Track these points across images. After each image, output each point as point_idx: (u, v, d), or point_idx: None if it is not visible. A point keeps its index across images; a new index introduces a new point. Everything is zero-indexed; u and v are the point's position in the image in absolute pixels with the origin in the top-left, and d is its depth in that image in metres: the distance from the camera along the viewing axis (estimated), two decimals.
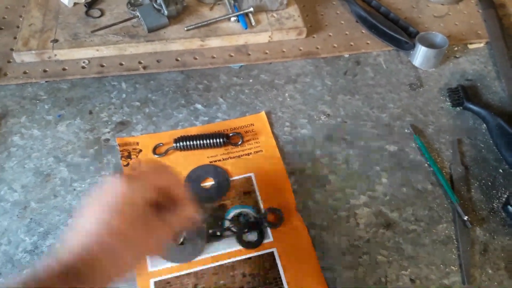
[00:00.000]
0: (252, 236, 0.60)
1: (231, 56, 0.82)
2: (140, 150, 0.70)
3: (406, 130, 0.72)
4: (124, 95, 0.77)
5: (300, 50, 0.83)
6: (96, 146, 0.71)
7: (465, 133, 0.72)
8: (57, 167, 0.68)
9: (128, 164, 0.68)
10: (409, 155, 0.69)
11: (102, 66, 0.81)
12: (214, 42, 0.83)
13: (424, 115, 0.74)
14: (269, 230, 0.61)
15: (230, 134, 0.71)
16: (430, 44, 0.81)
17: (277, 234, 0.61)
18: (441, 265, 0.58)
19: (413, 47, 0.81)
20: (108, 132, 0.72)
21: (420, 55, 0.80)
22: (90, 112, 0.75)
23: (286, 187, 0.66)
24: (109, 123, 0.73)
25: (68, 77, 0.80)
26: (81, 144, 0.71)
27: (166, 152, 0.69)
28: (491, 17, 0.90)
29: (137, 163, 0.48)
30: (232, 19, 0.85)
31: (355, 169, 0.67)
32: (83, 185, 0.66)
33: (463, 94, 0.74)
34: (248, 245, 0.60)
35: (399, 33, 0.83)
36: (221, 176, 0.67)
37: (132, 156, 0.69)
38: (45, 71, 0.80)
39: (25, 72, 0.80)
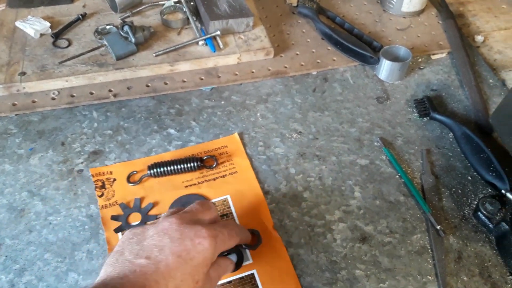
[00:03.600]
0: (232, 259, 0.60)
1: (202, 79, 0.83)
2: (114, 179, 0.70)
3: (375, 143, 0.74)
4: (95, 124, 0.77)
5: (269, 70, 0.85)
6: (70, 177, 0.70)
7: (433, 142, 0.74)
8: (31, 201, 0.67)
9: (102, 195, 0.68)
10: (380, 167, 0.70)
11: (72, 96, 0.80)
12: (183, 66, 0.84)
13: (392, 127, 0.76)
14: (248, 252, 0.61)
15: (204, 157, 0.71)
16: (394, 57, 0.83)
17: (256, 255, 0.61)
18: (418, 276, 0.59)
19: (377, 61, 0.83)
20: (82, 163, 0.72)
21: (385, 68, 0.82)
22: (63, 144, 0.74)
23: (263, 206, 0.66)
24: (82, 153, 0.73)
25: (38, 109, 0.79)
26: (54, 176, 0.70)
27: (140, 180, 0.69)
28: (451, 27, 0.93)
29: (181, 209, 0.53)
30: (200, 42, 0.86)
31: (329, 185, 0.68)
32: (58, 218, 0.65)
33: (429, 105, 0.77)
34: None
35: (364, 48, 0.86)
36: None
37: (107, 186, 0.69)
38: (14, 104, 0.79)
39: None
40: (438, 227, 0.62)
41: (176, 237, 0.46)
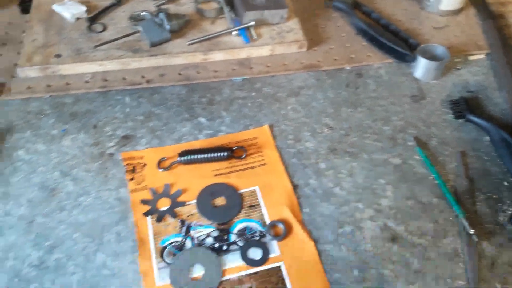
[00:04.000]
0: (256, 253, 0.60)
1: (234, 69, 0.83)
2: (145, 164, 0.70)
3: (409, 143, 0.72)
4: (128, 109, 0.78)
5: (302, 63, 0.84)
6: (101, 160, 0.71)
7: (469, 145, 0.72)
8: (62, 182, 0.68)
9: (133, 179, 0.68)
10: (413, 167, 0.69)
11: (106, 80, 0.81)
12: (216, 56, 0.84)
13: (427, 127, 0.74)
14: (275, 244, 0.61)
15: (234, 148, 0.71)
16: (431, 56, 0.81)
17: (284, 248, 0.61)
18: (449, 279, 0.57)
19: (414, 59, 0.82)
20: (113, 146, 0.72)
21: (421, 67, 0.80)
22: (95, 127, 0.75)
23: (291, 200, 0.66)
24: (113, 137, 0.74)
25: (72, 92, 0.80)
26: (85, 158, 0.71)
27: (170, 166, 0.69)
28: (491, 28, 0.91)
29: None
30: (234, 33, 0.85)
31: (360, 182, 0.67)
32: (88, 199, 0.66)
33: (465, 106, 0.75)
34: (252, 263, 0.59)
35: (400, 45, 0.84)
36: (233, 195, 0.66)
37: (137, 171, 0.69)
38: (49, 85, 0.80)
39: (29, 87, 0.80)
40: (472, 232, 0.60)
41: None
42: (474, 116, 0.73)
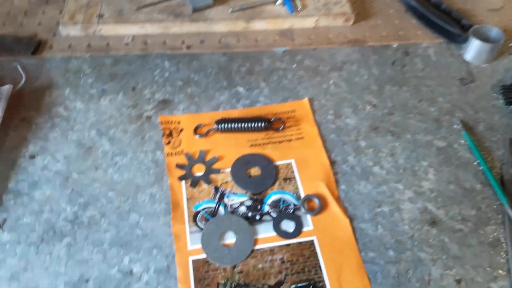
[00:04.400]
0: (289, 226, 0.59)
1: (275, 40, 0.81)
2: (182, 129, 0.69)
3: (455, 126, 0.69)
4: (167, 74, 0.77)
5: (347, 37, 0.81)
6: (138, 122, 0.70)
7: None
8: (99, 141, 0.68)
9: (169, 142, 0.68)
10: (458, 151, 0.66)
11: (146, 43, 0.81)
12: (258, 25, 0.82)
13: (474, 112, 0.71)
14: (309, 218, 0.60)
15: (272, 119, 0.70)
16: (484, 38, 0.77)
17: (318, 223, 0.59)
18: (488, 268, 0.55)
19: (466, 40, 0.77)
20: (151, 110, 0.72)
21: (473, 49, 0.76)
22: (133, 89, 0.75)
23: (328, 175, 0.64)
24: (152, 100, 0.73)
25: (112, 53, 0.80)
26: (123, 119, 0.71)
27: (207, 133, 0.69)
28: None
29: None
30: (278, 2, 0.83)
31: (401, 163, 0.65)
32: (124, 160, 0.66)
33: None
34: (284, 235, 0.59)
35: (451, 25, 0.80)
36: (268, 166, 0.65)
37: (174, 135, 0.69)
38: (89, 45, 0.80)
39: (69, 46, 0.80)
40: None
41: None
42: None
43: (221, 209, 0.61)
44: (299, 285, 0.54)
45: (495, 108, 0.72)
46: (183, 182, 0.64)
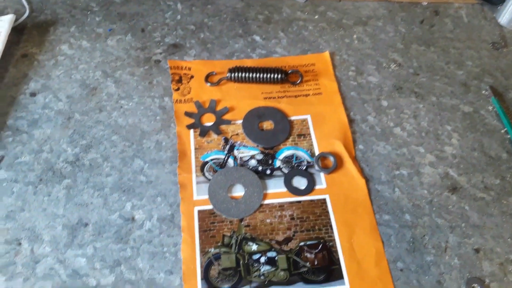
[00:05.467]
0: (301, 183, 0.56)
1: None
2: (192, 76, 0.65)
3: (484, 92, 0.65)
4: (179, 17, 0.72)
5: None
6: (146, 65, 0.66)
7: None
8: (104, 82, 0.64)
9: (178, 89, 0.64)
10: (485, 118, 0.62)
11: None
12: None
13: (505, 78, 0.66)
14: (323, 176, 0.57)
15: (289, 72, 0.65)
16: None
17: (332, 182, 0.56)
18: (509, 239, 0.52)
19: (502, 1, 0.72)
20: (160, 53, 0.68)
21: (510, 11, 0.71)
22: (143, 30, 0.70)
23: (345, 134, 0.61)
24: (162, 44, 0.69)
25: None
26: (131, 61, 0.67)
27: (219, 82, 0.64)
28: None
29: None
30: None
31: (424, 126, 0.61)
32: (130, 104, 0.62)
33: None
34: (295, 191, 0.56)
35: None
36: (282, 121, 0.61)
37: (183, 81, 0.65)
38: None
39: None
40: None
41: None
42: None
43: (230, 161, 0.58)
44: (308, 242, 0.52)
45: None
46: (192, 131, 0.60)
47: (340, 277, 0.50)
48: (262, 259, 0.51)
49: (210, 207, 0.54)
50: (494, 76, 0.66)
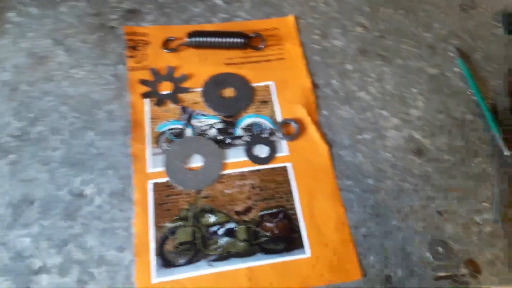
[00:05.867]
0: (262, 151, 0.54)
1: None
2: (148, 43, 0.62)
3: (450, 53, 0.63)
4: None
5: None
6: (101, 32, 0.62)
7: None
8: (54, 50, 0.60)
9: (133, 56, 0.60)
10: (451, 80, 0.60)
11: None
12: None
13: (472, 40, 0.65)
14: (285, 144, 0.55)
15: (251, 36, 0.62)
16: None
17: (294, 149, 0.54)
18: (473, 200, 0.52)
19: None
20: (115, 20, 0.64)
21: None
22: None
23: (309, 99, 0.58)
24: (117, 9, 0.65)
25: None
26: (83, 28, 0.63)
27: (177, 48, 0.61)
28: None
29: None
30: None
31: (389, 89, 0.59)
32: (81, 72, 0.59)
33: None
34: (257, 160, 0.53)
35: None
36: (244, 87, 0.59)
37: (139, 48, 0.61)
38: None
39: None
40: (507, 153, 0.53)
41: None
42: None
43: (189, 131, 0.55)
44: (268, 211, 0.50)
45: (494, 36, 0.65)
46: (147, 100, 0.57)
47: (301, 245, 0.49)
48: (221, 231, 0.49)
49: (166, 179, 0.51)
50: (461, 38, 0.65)
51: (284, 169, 0.53)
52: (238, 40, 0.60)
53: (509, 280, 0.47)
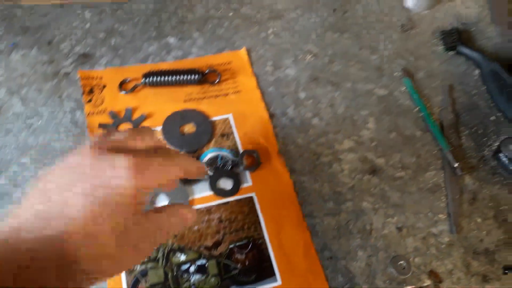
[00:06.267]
0: (227, 184, 0.55)
1: None
2: (105, 86, 0.63)
3: (396, 74, 0.67)
4: (87, 25, 0.69)
5: None
6: (55, 79, 0.63)
7: (458, 78, 0.67)
8: (9, 101, 0.60)
9: (90, 100, 0.61)
10: (398, 99, 0.64)
11: None
12: None
13: (415, 59, 0.69)
14: (248, 174, 0.56)
15: (206, 71, 0.64)
16: None
17: (257, 178, 0.56)
18: (429, 214, 0.55)
19: None
20: (69, 65, 0.64)
21: None
22: (49, 43, 0.67)
23: (267, 130, 0.60)
24: (70, 55, 0.65)
25: (24, 3, 0.70)
26: (38, 77, 0.63)
27: (134, 88, 0.62)
28: None
29: (111, 131, 0.36)
30: None
31: (341, 113, 0.62)
32: (39, 122, 0.59)
33: (457, 37, 0.70)
34: (222, 193, 0.55)
35: None
36: (204, 122, 0.60)
37: (95, 92, 0.62)
38: None
39: None
40: (456, 165, 0.57)
41: (86, 173, 0.32)
42: (466, 48, 0.68)
43: None
44: (238, 243, 0.51)
45: (435, 54, 0.70)
46: None
47: (272, 274, 0.50)
48: (192, 269, 0.50)
49: None
50: (405, 58, 0.69)
51: (249, 199, 0.55)
52: (193, 76, 0.62)
53: (468, 286, 0.50)
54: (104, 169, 0.32)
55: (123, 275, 0.49)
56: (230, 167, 0.57)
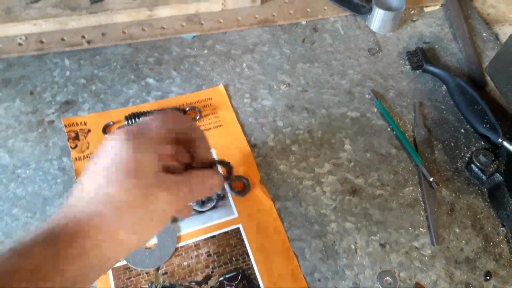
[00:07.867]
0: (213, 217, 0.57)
1: (183, 26, 0.77)
2: (89, 131, 0.64)
3: (367, 96, 0.70)
4: (68, 73, 0.71)
5: (256, 18, 0.80)
6: (40, 128, 0.64)
7: (426, 95, 0.71)
8: None
9: (76, 146, 0.63)
10: (371, 120, 0.67)
11: (42, 42, 0.74)
12: (163, 12, 0.78)
13: (384, 80, 0.73)
14: (234, 206, 0.58)
15: (187, 109, 0.67)
16: (387, 8, 0.79)
17: (242, 209, 0.58)
18: (410, 228, 0.57)
19: (370, 11, 0.79)
20: (53, 113, 0.66)
21: (378, 19, 0.78)
22: (31, 93, 0.68)
23: (249, 160, 0.63)
24: (53, 103, 0.67)
25: (3, 56, 0.72)
26: (22, 127, 0.65)
27: None
28: None
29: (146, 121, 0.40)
30: None
31: (318, 138, 0.65)
32: (27, 171, 0.60)
33: (422, 57, 0.74)
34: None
35: None
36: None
37: (80, 137, 0.64)
38: None
39: None
40: (431, 179, 0.59)
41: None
42: (431, 66, 0.72)
43: None
44: (227, 276, 0.53)
45: (402, 74, 0.74)
46: None
47: None
48: None
49: (124, 262, 0.53)
50: (374, 80, 0.72)
51: (236, 231, 0.56)
52: None
53: None
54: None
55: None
56: (215, 200, 0.59)
